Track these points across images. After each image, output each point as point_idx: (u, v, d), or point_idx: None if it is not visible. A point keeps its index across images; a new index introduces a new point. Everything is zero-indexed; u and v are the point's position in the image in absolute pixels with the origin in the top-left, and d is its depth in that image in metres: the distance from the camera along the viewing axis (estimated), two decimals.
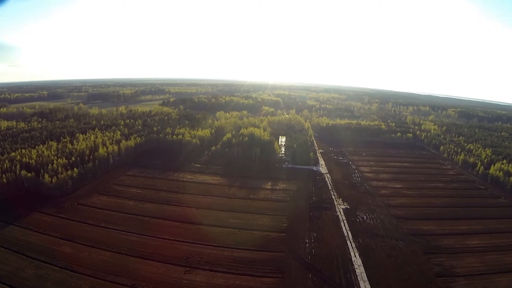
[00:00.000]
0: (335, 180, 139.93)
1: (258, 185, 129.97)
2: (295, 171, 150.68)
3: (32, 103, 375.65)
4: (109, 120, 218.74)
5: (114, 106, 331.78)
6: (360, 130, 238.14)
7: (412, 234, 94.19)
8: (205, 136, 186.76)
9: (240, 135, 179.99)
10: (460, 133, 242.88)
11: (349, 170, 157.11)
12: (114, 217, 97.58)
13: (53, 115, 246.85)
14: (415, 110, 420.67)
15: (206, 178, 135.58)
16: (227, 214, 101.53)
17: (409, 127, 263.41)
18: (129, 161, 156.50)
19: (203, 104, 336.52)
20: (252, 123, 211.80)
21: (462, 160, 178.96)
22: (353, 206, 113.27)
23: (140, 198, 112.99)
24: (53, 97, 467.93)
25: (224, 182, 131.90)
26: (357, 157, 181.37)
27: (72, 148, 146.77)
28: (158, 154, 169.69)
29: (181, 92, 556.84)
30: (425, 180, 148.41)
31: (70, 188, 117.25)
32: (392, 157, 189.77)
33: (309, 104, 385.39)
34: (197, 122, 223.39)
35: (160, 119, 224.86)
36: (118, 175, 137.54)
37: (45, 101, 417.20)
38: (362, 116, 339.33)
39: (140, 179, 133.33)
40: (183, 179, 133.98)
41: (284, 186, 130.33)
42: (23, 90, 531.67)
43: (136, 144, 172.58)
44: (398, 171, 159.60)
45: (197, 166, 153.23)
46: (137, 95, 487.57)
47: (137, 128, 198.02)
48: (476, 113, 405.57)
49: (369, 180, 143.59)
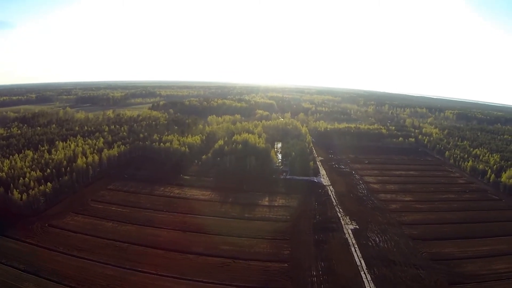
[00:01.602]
0: (339, 194, 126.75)
1: (253, 200, 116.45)
2: (295, 183, 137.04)
3: (19, 106, 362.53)
4: (93, 126, 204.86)
5: (102, 110, 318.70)
6: (360, 134, 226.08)
7: (432, 259, 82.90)
8: (195, 143, 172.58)
9: (233, 142, 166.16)
10: (463, 137, 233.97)
11: (353, 181, 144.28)
12: (89, 243, 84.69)
13: (35, 120, 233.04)
14: (412, 112, 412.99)
15: (195, 193, 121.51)
16: (219, 239, 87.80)
17: (409, 130, 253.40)
18: (112, 172, 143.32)
19: (194, 108, 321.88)
20: (246, 129, 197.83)
21: (470, 167, 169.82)
22: (363, 225, 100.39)
23: (120, 218, 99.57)
24: (41, 100, 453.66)
25: (216, 198, 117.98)
26: (359, 166, 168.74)
27: (48, 158, 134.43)
28: (143, 164, 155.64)
29: (172, 95, 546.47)
30: (435, 191, 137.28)
31: (43, 206, 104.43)
32: (396, 164, 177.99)
33: (304, 107, 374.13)
34: (187, 127, 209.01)
35: (148, 124, 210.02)
36: (98, 189, 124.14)
37: (32, 104, 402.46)
38: (360, 119, 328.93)
39: (121, 195, 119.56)
40: (170, 194, 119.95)
41: (283, 201, 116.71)
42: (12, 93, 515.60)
43: (119, 153, 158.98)
44: (405, 181, 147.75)
45: (185, 178, 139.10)
46: (126, 98, 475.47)
47: (122, 135, 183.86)
48: (474, 115, 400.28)
49: (376, 192, 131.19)
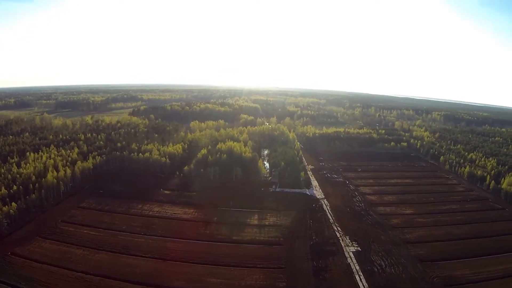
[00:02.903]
0: (335, 208, 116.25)
1: (242, 219, 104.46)
2: (285, 196, 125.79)
3: None
4: (68, 134, 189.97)
5: (82, 116, 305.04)
6: (350, 139, 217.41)
7: (446, 286, 74.16)
8: (176, 152, 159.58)
9: (217, 151, 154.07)
10: (455, 140, 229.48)
11: (348, 192, 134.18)
12: (54, 277, 72.21)
13: (8, 128, 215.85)
14: (399, 114, 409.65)
15: (176, 211, 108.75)
16: (205, 269, 75.97)
17: (400, 134, 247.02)
18: (86, 187, 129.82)
19: (176, 113, 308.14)
20: (230, 136, 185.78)
21: (467, 173, 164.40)
22: (365, 246, 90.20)
23: (92, 244, 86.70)
24: (20, 105, 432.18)
25: (200, 216, 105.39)
26: (353, 174, 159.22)
27: (16, 173, 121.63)
28: (120, 177, 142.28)
29: (154, 99, 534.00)
30: (436, 201, 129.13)
31: (6, 230, 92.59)
32: (390, 171, 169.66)
33: (289, 111, 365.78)
34: (167, 135, 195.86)
35: (126, 132, 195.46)
36: (69, 207, 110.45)
37: (10, 109, 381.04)
38: (347, 123, 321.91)
39: (95, 214, 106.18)
40: (149, 213, 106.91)
41: (275, 219, 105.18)
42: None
43: (95, 165, 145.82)
44: (402, 191, 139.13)
45: (166, 193, 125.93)
46: (107, 102, 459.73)
47: (99, 144, 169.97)
48: (462, 116, 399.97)
49: (373, 205, 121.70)
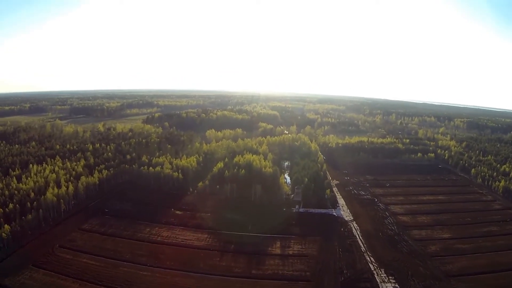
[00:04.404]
0: (366, 233, 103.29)
1: (262, 247, 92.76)
2: (310, 218, 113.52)
3: (9, 117, 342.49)
4: (76, 144, 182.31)
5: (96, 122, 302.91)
6: (374, 150, 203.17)
7: None
8: (190, 166, 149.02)
9: (234, 165, 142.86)
10: (483, 150, 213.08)
11: (378, 212, 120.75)
12: None
13: (16, 137, 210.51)
14: (421, 122, 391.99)
15: (188, 237, 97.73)
16: None
17: (425, 143, 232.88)
18: (89, 205, 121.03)
19: (191, 120, 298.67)
20: (249, 147, 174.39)
21: (503, 187, 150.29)
22: (403, 282, 77.49)
23: (90, 277, 76.78)
24: (35, 110, 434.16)
25: (214, 244, 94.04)
26: (381, 190, 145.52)
27: (14, 189, 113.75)
28: (128, 194, 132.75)
29: (170, 105, 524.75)
30: (473, 222, 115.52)
31: None
32: (420, 186, 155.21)
33: (309, 118, 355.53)
34: (181, 145, 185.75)
35: (137, 143, 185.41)
36: (69, 230, 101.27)
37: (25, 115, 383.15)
38: (369, 131, 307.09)
39: (97, 238, 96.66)
40: (157, 239, 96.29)
41: (299, 247, 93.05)
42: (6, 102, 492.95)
43: (101, 180, 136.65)
44: (436, 210, 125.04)
45: (177, 213, 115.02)
46: (122, 108, 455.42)
47: (107, 155, 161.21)
48: (486, 123, 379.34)
49: (407, 227, 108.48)
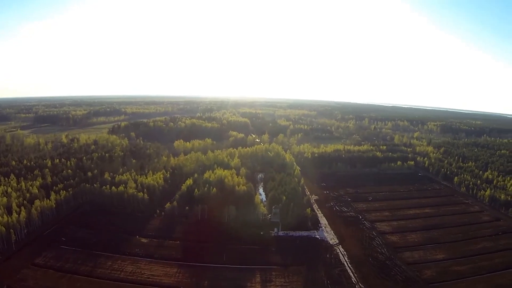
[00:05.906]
0: (355, 259, 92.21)
1: (240, 281, 79.72)
2: (291, 243, 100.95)
3: None
4: (34, 160, 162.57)
5: (60, 131, 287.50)
6: (352, 159, 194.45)
7: None
8: (156, 184, 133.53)
9: (205, 182, 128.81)
10: (462, 155, 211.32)
11: (364, 232, 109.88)
12: None
13: None
14: (395, 126, 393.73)
15: (155, 271, 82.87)
16: None
17: (403, 150, 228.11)
18: (45, 233, 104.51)
19: (159, 130, 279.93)
20: (219, 160, 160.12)
21: (489, 197, 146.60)
22: None
23: None
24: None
25: (185, 280, 79.98)
26: (364, 205, 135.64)
27: None
28: (88, 219, 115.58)
29: (138, 112, 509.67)
30: (466, 238, 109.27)
31: None
32: (405, 199, 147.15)
33: (281, 125, 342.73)
34: (147, 159, 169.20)
35: (100, 157, 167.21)
36: (20, 265, 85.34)
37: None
38: (343, 137, 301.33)
39: (51, 276, 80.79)
40: (119, 275, 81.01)
41: (282, 281, 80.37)
42: None
43: (58, 202, 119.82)
44: (425, 225, 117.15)
45: (143, 242, 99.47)
46: (88, 117, 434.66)
47: (66, 173, 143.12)
48: (459, 126, 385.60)
49: (397, 248, 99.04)
